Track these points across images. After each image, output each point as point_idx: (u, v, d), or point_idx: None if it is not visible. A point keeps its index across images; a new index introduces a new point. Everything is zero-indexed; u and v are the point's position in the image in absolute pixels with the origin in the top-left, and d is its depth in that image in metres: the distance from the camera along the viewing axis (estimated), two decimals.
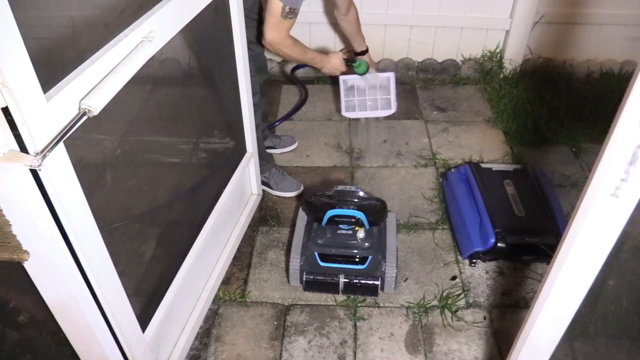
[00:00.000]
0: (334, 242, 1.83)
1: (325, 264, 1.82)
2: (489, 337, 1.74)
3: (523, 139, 2.59)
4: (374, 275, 1.82)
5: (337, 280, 1.82)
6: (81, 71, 0.93)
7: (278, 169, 2.32)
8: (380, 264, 1.81)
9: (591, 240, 0.86)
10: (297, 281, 1.85)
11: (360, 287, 1.83)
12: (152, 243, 1.60)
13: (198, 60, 1.76)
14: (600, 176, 0.77)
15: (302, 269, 1.83)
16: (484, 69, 3.08)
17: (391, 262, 1.81)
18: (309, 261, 1.83)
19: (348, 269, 1.82)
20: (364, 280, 1.82)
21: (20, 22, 0.76)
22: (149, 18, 1.14)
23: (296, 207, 2.24)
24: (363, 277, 1.82)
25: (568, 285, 0.95)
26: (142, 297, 1.47)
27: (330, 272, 1.83)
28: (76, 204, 0.99)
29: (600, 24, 2.91)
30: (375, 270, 1.81)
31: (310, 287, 1.86)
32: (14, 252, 0.96)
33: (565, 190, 2.28)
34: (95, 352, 1.23)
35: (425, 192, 2.31)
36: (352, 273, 1.82)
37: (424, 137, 2.66)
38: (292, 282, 1.87)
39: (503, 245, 1.89)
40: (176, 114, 1.71)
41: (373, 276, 1.82)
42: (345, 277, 1.82)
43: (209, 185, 1.90)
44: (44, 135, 0.85)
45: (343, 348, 1.71)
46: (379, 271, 1.81)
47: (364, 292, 1.85)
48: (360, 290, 1.84)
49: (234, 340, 1.73)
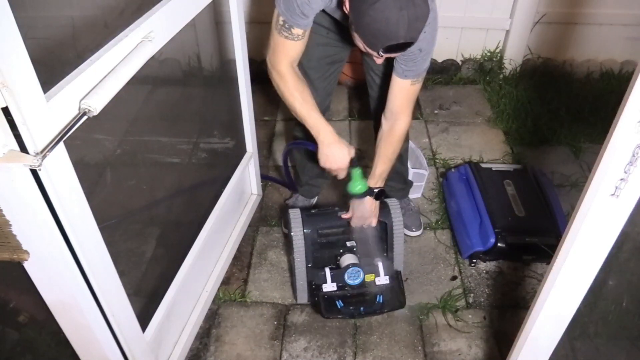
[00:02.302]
0: (348, 294, 1.72)
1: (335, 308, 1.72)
2: (489, 337, 1.74)
3: (523, 139, 2.59)
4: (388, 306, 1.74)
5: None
6: (81, 71, 0.93)
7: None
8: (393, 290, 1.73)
9: (591, 240, 0.86)
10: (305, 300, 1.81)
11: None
12: (152, 243, 1.60)
13: (198, 60, 1.75)
14: (600, 176, 0.77)
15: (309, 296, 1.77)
16: (484, 69, 3.08)
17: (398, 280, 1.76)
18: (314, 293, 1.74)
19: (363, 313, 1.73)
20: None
21: (20, 22, 0.76)
22: (149, 18, 1.14)
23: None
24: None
25: (568, 285, 0.95)
26: (142, 297, 1.47)
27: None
28: (76, 204, 0.99)
29: (600, 24, 2.91)
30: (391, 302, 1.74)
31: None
32: (14, 252, 0.96)
33: (565, 190, 2.28)
34: (95, 352, 1.23)
35: (425, 192, 2.31)
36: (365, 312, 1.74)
37: (423, 137, 2.66)
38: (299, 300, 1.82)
39: (503, 245, 1.89)
40: (176, 114, 1.71)
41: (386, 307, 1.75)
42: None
43: (208, 185, 1.90)
44: (44, 135, 0.85)
45: (343, 348, 1.71)
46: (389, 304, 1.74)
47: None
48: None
49: (234, 340, 1.73)
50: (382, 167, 1.61)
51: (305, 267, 1.71)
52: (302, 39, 1.42)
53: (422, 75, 1.48)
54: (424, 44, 1.36)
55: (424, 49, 1.38)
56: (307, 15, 1.37)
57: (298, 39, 1.41)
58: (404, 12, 1.13)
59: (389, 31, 1.16)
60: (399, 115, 1.53)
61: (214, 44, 1.83)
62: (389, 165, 1.62)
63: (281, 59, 1.44)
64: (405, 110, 1.52)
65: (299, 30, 1.40)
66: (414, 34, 1.19)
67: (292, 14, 1.36)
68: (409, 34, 1.17)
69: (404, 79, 1.45)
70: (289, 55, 1.44)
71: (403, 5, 1.13)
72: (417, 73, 1.44)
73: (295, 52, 1.45)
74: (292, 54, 1.44)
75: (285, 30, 1.39)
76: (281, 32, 1.40)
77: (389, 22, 1.14)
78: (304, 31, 1.41)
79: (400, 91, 1.48)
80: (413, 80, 1.45)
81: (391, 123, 1.55)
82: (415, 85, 1.47)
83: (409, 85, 1.46)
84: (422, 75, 1.47)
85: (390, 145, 1.58)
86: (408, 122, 1.55)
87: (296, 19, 1.37)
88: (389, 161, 1.60)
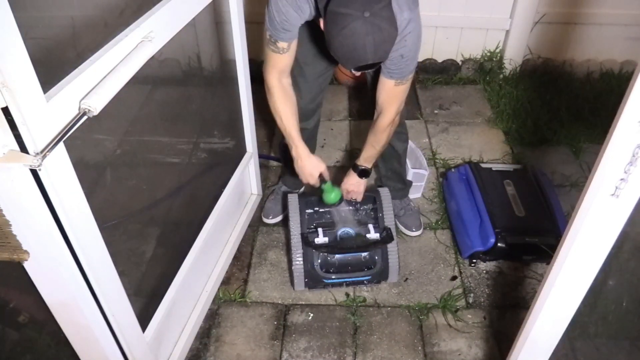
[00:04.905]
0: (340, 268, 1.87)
1: (330, 280, 1.86)
2: (489, 337, 1.74)
3: (523, 139, 2.59)
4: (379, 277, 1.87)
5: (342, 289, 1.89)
6: (81, 71, 0.93)
7: None
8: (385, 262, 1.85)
9: (591, 240, 0.86)
10: (302, 286, 1.86)
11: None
12: (152, 243, 1.60)
13: (198, 60, 1.75)
14: (600, 176, 0.77)
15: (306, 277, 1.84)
16: (484, 69, 3.08)
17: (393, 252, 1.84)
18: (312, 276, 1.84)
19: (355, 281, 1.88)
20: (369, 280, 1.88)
21: (20, 22, 0.76)
22: (149, 18, 1.14)
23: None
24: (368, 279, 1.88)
25: (568, 285, 0.95)
26: (142, 297, 1.47)
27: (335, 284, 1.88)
28: (76, 204, 0.99)
29: (600, 24, 2.91)
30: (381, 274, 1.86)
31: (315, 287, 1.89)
32: (14, 252, 0.96)
33: (565, 190, 2.28)
34: (95, 352, 1.23)
35: (425, 192, 2.31)
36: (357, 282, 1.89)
37: (423, 137, 2.66)
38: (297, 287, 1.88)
39: (503, 245, 1.89)
40: (176, 114, 1.71)
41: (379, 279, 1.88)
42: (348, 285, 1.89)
43: (208, 185, 1.90)
44: (44, 135, 0.85)
45: (343, 348, 1.71)
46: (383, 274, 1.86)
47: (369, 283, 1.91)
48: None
49: (234, 340, 1.73)
50: (368, 153, 1.77)
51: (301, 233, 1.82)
52: (288, 51, 1.52)
53: (407, 77, 1.55)
54: (405, 51, 1.44)
55: (406, 55, 1.46)
56: (288, 30, 1.45)
57: (284, 52, 1.51)
58: (370, 37, 1.20)
59: (357, 54, 1.25)
60: (383, 110, 1.63)
61: (214, 44, 1.83)
62: (373, 152, 1.76)
63: (270, 71, 1.56)
64: (389, 107, 1.61)
65: (283, 44, 1.49)
66: (381, 54, 1.28)
67: (275, 29, 1.45)
68: (376, 56, 1.26)
69: (388, 79, 1.54)
70: (277, 67, 1.55)
71: (369, 31, 1.20)
72: (401, 75, 1.52)
73: (283, 64, 1.54)
74: (280, 66, 1.54)
75: (272, 44, 1.49)
76: (269, 46, 1.51)
77: (356, 47, 1.22)
78: (289, 44, 1.50)
79: (384, 89, 1.57)
80: (397, 81, 1.54)
81: (377, 115, 1.67)
82: (399, 86, 1.55)
83: (393, 85, 1.55)
84: (407, 77, 1.54)
85: (374, 134, 1.70)
86: (392, 117, 1.64)
87: (279, 34, 1.46)
88: (372, 148, 1.74)
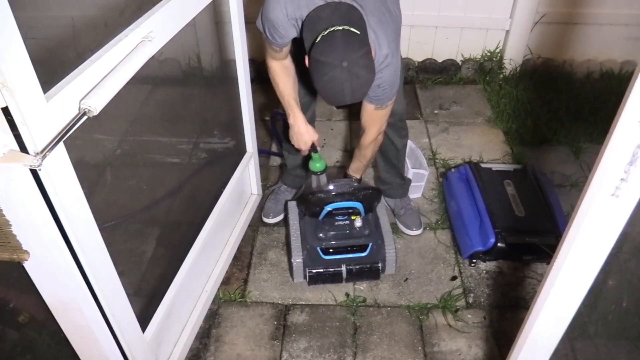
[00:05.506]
0: (334, 235, 1.88)
1: (328, 257, 1.86)
2: (489, 337, 1.74)
3: (523, 139, 2.59)
4: (375, 259, 1.87)
5: (340, 270, 1.86)
6: (81, 71, 0.93)
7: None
8: (380, 247, 1.87)
9: (591, 240, 0.86)
10: (301, 277, 1.87)
11: (363, 273, 1.89)
12: (152, 243, 1.60)
13: (198, 60, 1.76)
14: (600, 176, 0.77)
15: (305, 264, 1.85)
16: (484, 69, 3.08)
17: (389, 244, 1.87)
18: (312, 256, 1.86)
19: (351, 258, 1.87)
20: (367, 266, 1.87)
21: (20, 22, 0.76)
22: (149, 18, 1.14)
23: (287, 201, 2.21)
24: (365, 264, 1.87)
25: (568, 285, 0.95)
26: (142, 297, 1.47)
27: (333, 263, 1.87)
28: (76, 204, 0.99)
29: (600, 24, 2.91)
30: (377, 254, 1.87)
31: (315, 281, 1.89)
32: (14, 252, 0.96)
33: (565, 190, 2.28)
34: (95, 352, 1.23)
35: (425, 192, 2.31)
36: (355, 261, 1.87)
37: (423, 137, 2.66)
38: (295, 279, 1.88)
39: (503, 245, 1.89)
40: (176, 114, 1.71)
41: (374, 260, 1.88)
42: (348, 266, 1.87)
43: (208, 185, 1.90)
44: (44, 135, 0.85)
45: (343, 348, 1.71)
46: (379, 255, 1.87)
47: (367, 277, 1.91)
48: (363, 275, 1.90)
49: (233, 340, 1.73)
50: (356, 165, 1.92)
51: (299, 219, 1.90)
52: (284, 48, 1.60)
53: (386, 104, 1.63)
54: (382, 82, 1.52)
55: (383, 85, 1.54)
56: (279, 38, 1.53)
57: (279, 52, 1.61)
58: (347, 84, 1.32)
59: (336, 97, 1.38)
60: (365, 130, 1.74)
61: (214, 44, 1.83)
62: (360, 164, 1.90)
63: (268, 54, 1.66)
64: (370, 128, 1.73)
65: (277, 47, 1.58)
66: (359, 96, 1.40)
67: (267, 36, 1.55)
68: (354, 98, 1.38)
69: (369, 104, 1.64)
70: (276, 58, 1.65)
71: (346, 79, 1.31)
72: (380, 102, 1.61)
73: (281, 55, 1.63)
74: (279, 57, 1.64)
75: (268, 45, 1.59)
76: (266, 43, 1.59)
77: (335, 92, 1.35)
78: (281, 47, 1.58)
79: (366, 112, 1.68)
80: (376, 106, 1.63)
81: (361, 133, 1.78)
82: (379, 110, 1.65)
83: (373, 109, 1.65)
84: (386, 103, 1.63)
85: (359, 150, 1.85)
86: (373, 136, 1.75)
87: (271, 40, 1.55)
88: (359, 161, 1.89)
